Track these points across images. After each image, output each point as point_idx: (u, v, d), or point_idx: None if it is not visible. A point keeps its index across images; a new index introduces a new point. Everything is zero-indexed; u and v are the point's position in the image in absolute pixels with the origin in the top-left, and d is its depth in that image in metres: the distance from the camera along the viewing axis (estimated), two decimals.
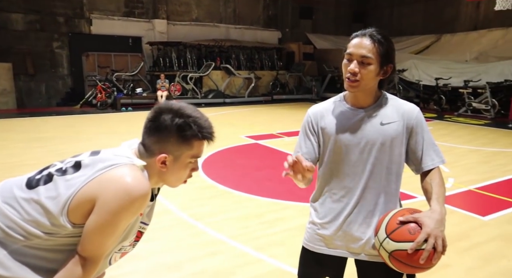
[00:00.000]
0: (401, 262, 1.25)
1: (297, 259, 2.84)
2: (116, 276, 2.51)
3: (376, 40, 1.34)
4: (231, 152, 6.21)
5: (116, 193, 1.09)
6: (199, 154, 1.25)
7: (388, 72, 1.40)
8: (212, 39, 15.20)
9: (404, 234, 1.24)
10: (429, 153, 1.43)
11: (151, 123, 1.21)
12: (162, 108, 1.20)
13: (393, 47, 1.40)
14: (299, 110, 12.18)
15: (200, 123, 1.20)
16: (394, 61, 1.42)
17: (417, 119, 1.43)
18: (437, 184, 1.38)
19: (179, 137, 1.18)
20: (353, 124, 1.45)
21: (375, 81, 1.40)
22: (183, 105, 1.22)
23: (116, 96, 11.79)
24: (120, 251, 1.27)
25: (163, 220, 3.45)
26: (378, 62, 1.35)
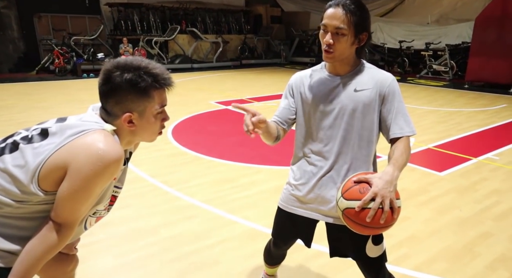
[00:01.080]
0: (351, 220, 1.31)
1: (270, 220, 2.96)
2: (90, 244, 2.53)
3: (349, 11, 1.35)
4: (201, 118, 6.18)
5: (88, 159, 1.08)
6: (163, 102, 1.24)
7: (363, 40, 1.43)
8: (176, 1, 14.51)
9: (355, 193, 1.30)
10: (398, 121, 1.45)
11: (104, 86, 1.18)
12: (110, 69, 1.18)
13: (366, 15, 1.41)
14: (268, 75, 12.12)
15: (152, 72, 1.18)
16: (369, 29, 1.44)
17: (390, 87, 1.45)
18: (399, 150, 1.41)
19: (136, 92, 1.16)
20: (329, 90, 1.50)
21: (351, 50, 1.43)
22: (129, 59, 1.19)
23: (75, 62, 11.18)
24: (95, 215, 1.29)
25: (135, 187, 3.45)
26: (352, 32, 1.37)
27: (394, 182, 1.29)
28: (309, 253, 2.48)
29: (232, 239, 2.64)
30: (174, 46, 13.72)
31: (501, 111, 6.95)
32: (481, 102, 7.87)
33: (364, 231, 1.33)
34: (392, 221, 1.29)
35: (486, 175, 3.88)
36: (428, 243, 2.62)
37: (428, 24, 13.55)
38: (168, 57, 13.17)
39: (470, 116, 6.49)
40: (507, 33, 9.06)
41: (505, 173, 3.95)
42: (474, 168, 4.08)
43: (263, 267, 2.11)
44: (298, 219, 1.65)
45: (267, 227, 2.80)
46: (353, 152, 1.49)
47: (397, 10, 15.98)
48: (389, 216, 1.26)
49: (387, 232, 2.23)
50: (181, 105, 6.90)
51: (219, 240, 2.62)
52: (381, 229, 1.31)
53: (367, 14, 1.41)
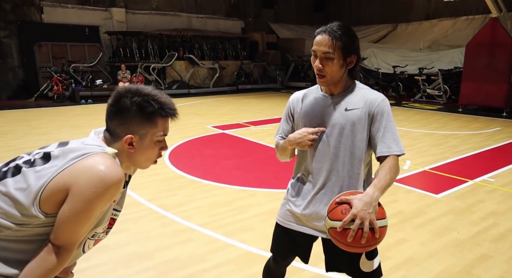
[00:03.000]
0: (335, 238, 1.35)
1: (266, 243, 2.94)
2: (86, 269, 2.50)
3: (334, 37, 1.44)
4: (198, 142, 6.21)
5: (90, 181, 1.10)
6: (165, 131, 1.27)
7: (352, 63, 1.51)
8: (174, 29, 14.87)
9: (337, 213, 1.34)
10: (386, 140, 1.48)
11: (112, 107, 1.22)
12: (121, 92, 1.23)
13: (353, 39, 1.49)
14: (264, 100, 12.28)
15: (161, 100, 1.23)
16: (358, 51, 1.52)
17: (379, 107, 1.49)
18: (383, 170, 1.42)
19: (141, 116, 1.20)
20: (321, 109, 1.56)
21: (341, 72, 1.50)
22: (141, 86, 1.24)
23: (74, 89, 11.31)
24: (93, 237, 1.29)
25: (132, 212, 3.43)
26: (339, 55, 1.45)
27: (374, 203, 1.31)
28: (307, 276, 2.45)
29: (229, 262, 2.61)
30: (171, 72, 13.95)
31: (496, 134, 7.03)
32: (475, 125, 7.98)
33: (349, 249, 1.35)
34: (375, 240, 1.31)
35: (482, 197, 3.89)
36: (426, 265, 2.60)
37: (421, 50, 13.93)
38: (165, 83, 13.36)
39: (465, 139, 6.56)
40: (497, 59, 9.31)
41: (501, 194, 3.96)
42: (470, 190, 4.10)
43: None
44: (295, 235, 1.67)
45: (263, 250, 2.77)
46: (344, 169, 1.53)
47: (390, 36, 16.47)
48: (370, 236, 1.29)
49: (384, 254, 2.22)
50: (178, 130, 6.95)
51: (215, 263, 2.59)
52: (365, 247, 1.33)
53: (353, 38, 1.49)
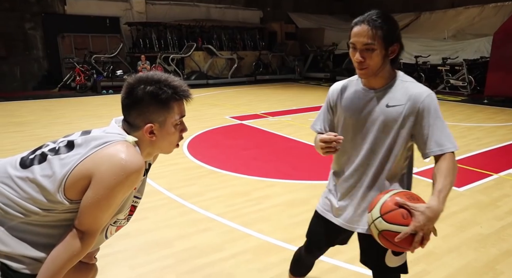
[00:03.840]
0: (389, 241, 1.31)
1: (283, 234, 2.96)
2: (108, 255, 2.57)
3: (374, 26, 1.37)
4: (216, 133, 6.24)
5: (111, 169, 1.13)
6: (182, 113, 1.29)
7: (395, 52, 1.44)
8: (192, 19, 14.88)
9: (397, 217, 1.29)
10: (436, 138, 1.39)
11: (127, 99, 1.25)
12: (132, 83, 1.24)
13: (394, 27, 1.42)
14: (282, 91, 12.21)
15: (172, 84, 1.24)
16: (400, 39, 1.44)
17: (424, 103, 1.40)
18: (442, 174, 1.34)
19: (156, 104, 1.22)
20: (362, 104, 1.51)
21: (384, 63, 1.43)
22: (151, 74, 1.26)
23: (95, 79, 11.52)
24: (115, 224, 1.32)
25: (151, 200, 3.50)
26: (381, 45, 1.38)
27: (436, 218, 1.26)
28: (324, 267, 2.45)
29: (246, 252, 2.63)
30: (190, 62, 14.01)
31: None
32: (501, 117, 7.71)
33: (396, 249, 1.37)
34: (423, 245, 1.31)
35: (508, 191, 3.77)
36: (447, 260, 2.55)
37: (445, 39, 13.47)
38: (184, 73, 13.43)
39: (490, 132, 6.36)
40: None
41: None
42: (495, 183, 3.98)
43: None
44: (331, 225, 1.68)
45: (280, 241, 2.78)
46: (381, 165, 1.50)
47: (412, 26, 15.98)
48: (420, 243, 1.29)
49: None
50: (196, 120, 7.00)
51: (233, 253, 2.62)
52: (412, 249, 1.32)
53: (394, 26, 1.42)
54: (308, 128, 6.49)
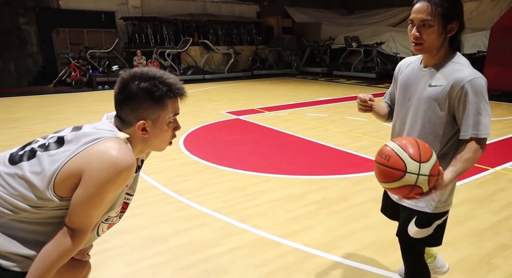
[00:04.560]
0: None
1: (279, 229, 2.96)
2: (103, 251, 2.55)
3: (434, 3, 1.40)
4: (213, 128, 6.22)
5: (102, 166, 1.11)
6: (176, 111, 1.27)
7: (453, 30, 1.45)
8: (188, 14, 14.78)
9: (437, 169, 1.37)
10: (468, 123, 1.44)
11: (120, 95, 1.22)
12: (126, 78, 1.22)
13: (455, 4, 1.43)
14: (279, 85, 12.17)
15: (167, 82, 1.22)
16: (462, 18, 1.45)
17: (465, 88, 1.41)
18: (460, 158, 1.43)
19: (150, 101, 1.20)
20: (412, 81, 1.59)
21: (441, 40, 1.44)
22: (145, 69, 1.23)
23: (91, 75, 11.44)
24: (107, 221, 1.31)
25: (147, 196, 3.48)
26: (439, 22, 1.41)
27: (446, 187, 1.42)
28: (321, 262, 2.45)
29: (242, 247, 2.63)
30: (186, 57, 13.93)
31: None
32: (498, 112, 7.72)
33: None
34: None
35: (504, 186, 3.78)
36: (443, 254, 2.55)
37: None
38: (180, 68, 13.36)
39: None
40: None
41: None
42: (491, 178, 3.99)
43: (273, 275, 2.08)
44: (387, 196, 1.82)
45: (277, 236, 2.77)
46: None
47: None
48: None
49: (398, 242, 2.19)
50: (192, 116, 6.97)
51: (229, 248, 2.61)
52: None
53: (456, 3, 1.44)
54: (304, 123, 6.48)
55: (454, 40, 1.48)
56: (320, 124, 6.47)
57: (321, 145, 5.17)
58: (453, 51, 1.51)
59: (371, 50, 13.74)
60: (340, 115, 7.25)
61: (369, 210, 3.20)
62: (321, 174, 4.07)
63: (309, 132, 5.84)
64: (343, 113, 7.45)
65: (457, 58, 1.50)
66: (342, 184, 3.78)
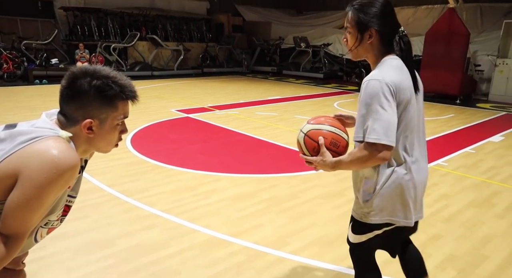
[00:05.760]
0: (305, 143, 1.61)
1: (230, 228, 2.97)
2: (41, 258, 2.39)
3: (351, 9, 1.50)
4: (162, 126, 6.06)
5: (42, 166, 1.03)
6: (125, 114, 1.23)
7: (372, 36, 1.47)
8: (135, 7, 14.23)
9: (311, 145, 1.60)
10: (357, 125, 1.46)
11: (67, 90, 1.16)
12: (76, 73, 1.15)
13: (370, 12, 1.46)
14: (230, 84, 12.16)
15: (121, 83, 1.18)
16: (378, 25, 1.45)
17: (362, 90, 1.44)
18: (349, 155, 1.48)
19: (101, 100, 1.15)
20: None
21: (363, 46, 1.50)
22: (98, 67, 1.18)
23: (26, 67, 10.60)
24: (46, 226, 1.22)
25: (92, 198, 3.31)
26: (355, 29, 1.49)
27: (324, 167, 1.57)
28: (270, 259, 2.49)
29: (193, 248, 2.60)
30: (133, 53, 13.42)
31: (450, 121, 7.42)
32: (432, 112, 8.36)
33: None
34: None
35: (436, 180, 4.11)
36: None
37: None
38: (127, 64, 12.84)
39: None
40: (453, 48, 9.73)
41: (453, 177, 4.20)
42: None
43: (223, 274, 2.08)
44: None
45: (228, 235, 2.78)
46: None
47: None
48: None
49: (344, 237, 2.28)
50: (141, 114, 6.74)
51: (179, 249, 2.57)
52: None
53: (370, 11, 1.46)
54: (254, 122, 6.55)
55: (384, 45, 1.50)
56: (270, 123, 6.57)
57: (271, 143, 5.25)
58: (384, 56, 1.51)
59: (318, 51, 14.20)
60: (290, 114, 7.42)
61: (317, 206, 3.32)
62: (271, 172, 4.13)
63: (259, 131, 5.91)
64: (293, 112, 7.62)
65: (383, 61, 1.49)
66: (291, 181, 3.88)
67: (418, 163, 1.54)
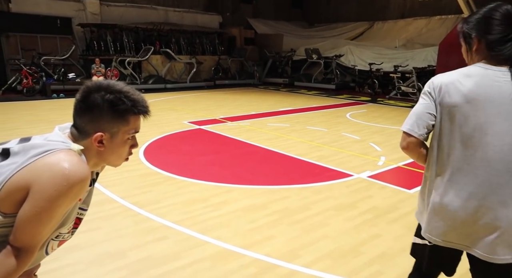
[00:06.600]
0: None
1: (241, 239, 2.94)
2: (55, 269, 2.41)
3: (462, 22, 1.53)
4: (174, 138, 6.12)
5: (53, 179, 1.05)
6: (136, 129, 1.24)
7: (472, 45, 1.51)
8: (150, 22, 14.57)
9: None
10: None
11: (81, 103, 1.17)
12: (91, 87, 1.17)
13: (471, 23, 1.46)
14: (241, 95, 12.24)
15: (133, 98, 1.19)
16: (465, 35, 1.52)
17: None
18: None
19: (113, 114, 1.16)
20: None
21: (467, 56, 1.57)
22: (112, 82, 1.20)
23: (45, 82, 10.91)
24: (57, 238, 1.23)
25: (105, 209, 3.34)
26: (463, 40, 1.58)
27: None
28: (282, 272, 2.45)
29: (204, 259, 2.58)
30: (147, 66, 13.68)
31: None
32: None
33: None
34: None
35: None
36: (400, 259, 2.65)
37: (396, 48, 14.22)
38: (141, 77, 13.08)
39: None
40: None
41: None
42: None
43: None
44: None
45: (239, 247, 2.76)
46: None
47: (366, 34, 16.74)
48: None
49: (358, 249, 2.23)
50: (153, 125, 6.82)
51: (190, 261, 2.56)
52: None
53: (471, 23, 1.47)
54: (266, 133, 6.54)
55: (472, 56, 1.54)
56: (282, 134, 6.56)
57: (283, 154, 5.23)
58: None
59: (330, 62, 14.22)
60: (301, 125, 7.40)
61: (329, 218, 3.27)
62: (282, 184, 4.11)
63: (271, 142, 5.90)
64: (304, 123, 7.60)
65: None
66: (303, 193, 3.84)
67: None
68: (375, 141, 6.18)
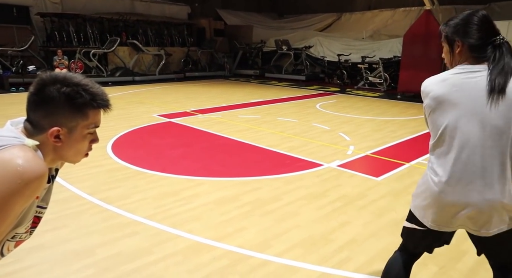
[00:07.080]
0: None
1: (214, 232, 2.93)
2: (18, 271, 2.30)
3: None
4: (144, 132, 5.98)
5: (6, 176, 0.99)
6: (96, 123, 1.18)
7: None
8: (115, 13, 14.06)
9: None
10: None
11: (35, 96, 1.11)
12: (45, 80, 1.11)
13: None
14: (212, 87, 12.11)
15: (92, 91, 1.14)
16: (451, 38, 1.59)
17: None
18: None
19: (70, 108, 1.11)
20: None
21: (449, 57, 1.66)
22: (69, 74, 1.14)
23: (2, 75, 10.33)
24: (14, 239, 1.17)
25: (71, 207, 3.22)
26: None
27: None
28: (255, 262, 2.47)
29: (176, 254, 2.55)
30: (114, 58, 13.23)
31: None
32: (412, 111, 8.50)
33: None
34: None
35: (417, 178, 4.15)
36: (367, 245, 2.73)
37: (363, 39, 14.50)
38: (108, 69, 12.65)
39: (403, 125, 6.97)
40: (430, 49, 9.94)
41: None
42: (407, 172, 4.37)
43: None
44: None
45: (211, 239, 2.75)
46: None
47: (334, 25, 16.94)
48: None
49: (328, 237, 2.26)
50: (122, 119, 6.63)
51: (162, 256, 2.52)
52: None
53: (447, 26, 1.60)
54: (237, 125, 6.53)
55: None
56: (253, 126, 6.56)
57: (254, 146, 5.24)
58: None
59: (300, 53, 14.31)
60: (272, 116, 7.43)
61: (300, 208, 3.32)
62: (254, 175, 4.12)
63: (242, 134, 5.89)
64: (275, 114, 7.64)
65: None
66: (274, 184, 3.87)
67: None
68: (344, 130, 6.31)
